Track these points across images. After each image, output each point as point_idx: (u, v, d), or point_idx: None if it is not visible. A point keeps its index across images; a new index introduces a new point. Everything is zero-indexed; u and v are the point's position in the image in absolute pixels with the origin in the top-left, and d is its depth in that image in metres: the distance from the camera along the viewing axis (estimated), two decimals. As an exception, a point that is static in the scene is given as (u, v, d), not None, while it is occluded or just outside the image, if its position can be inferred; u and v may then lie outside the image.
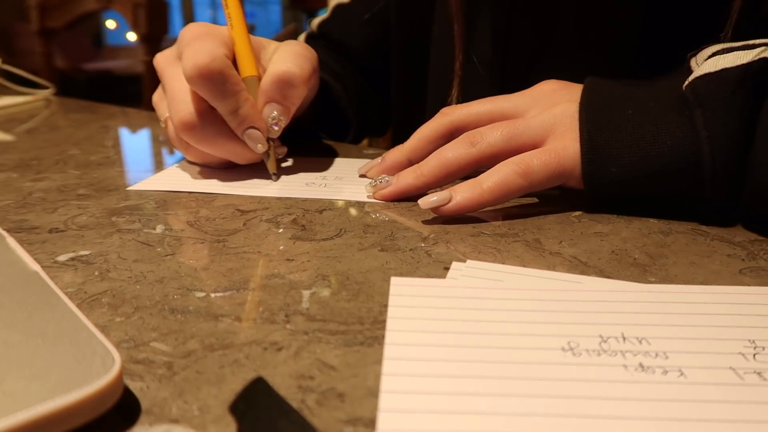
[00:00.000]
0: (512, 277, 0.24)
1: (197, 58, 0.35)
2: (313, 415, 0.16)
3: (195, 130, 0.37)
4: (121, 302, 0.22)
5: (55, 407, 0.15)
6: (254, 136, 0.37)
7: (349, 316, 0.21)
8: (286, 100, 0.38)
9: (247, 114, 0.37)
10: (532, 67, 0.46)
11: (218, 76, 0.35)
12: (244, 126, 0.37)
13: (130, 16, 1.22)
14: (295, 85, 0.38)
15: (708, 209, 0.31)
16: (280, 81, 0.37)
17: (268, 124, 0.38)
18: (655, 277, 0.25)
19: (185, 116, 0.37)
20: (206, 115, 0.37)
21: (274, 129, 0.38)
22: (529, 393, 0.17)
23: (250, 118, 0.37)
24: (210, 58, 0.35)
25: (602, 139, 0.31)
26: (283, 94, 0.38)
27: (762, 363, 0.18)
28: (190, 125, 0.37)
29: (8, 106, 0.74)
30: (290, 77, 0.37)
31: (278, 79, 0.37)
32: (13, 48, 3.51)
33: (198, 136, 0.37)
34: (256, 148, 0.38)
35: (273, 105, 0.38)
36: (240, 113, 0.37)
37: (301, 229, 0.30)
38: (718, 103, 0.28)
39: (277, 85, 0.37)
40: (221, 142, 0.38)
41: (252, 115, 0.37)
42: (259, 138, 0.38)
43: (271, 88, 0.37)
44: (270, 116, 0.38)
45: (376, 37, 0.59)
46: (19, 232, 0.30)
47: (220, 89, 0.36)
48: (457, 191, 0.31)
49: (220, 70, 0.35)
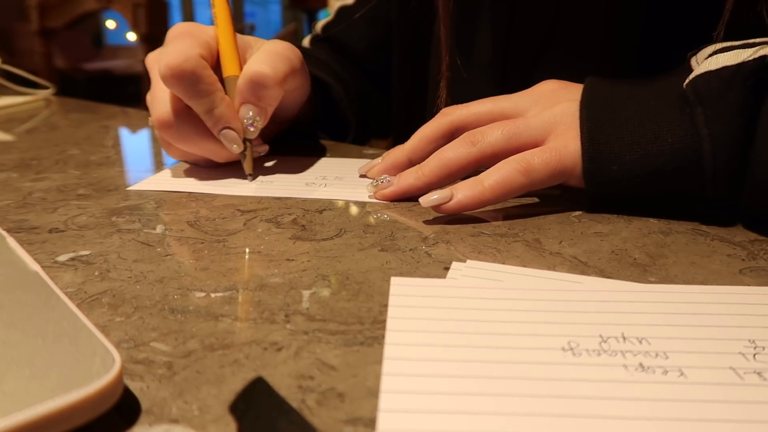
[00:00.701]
0: (512, 277, 0.24)
1: (170, 58, 0.35)
2: (313, 415, 0.16)
3: (171, 128, 0.37)
4: (121, 302, 0.22)
5: (55, 407, 0.15)
6: (229, 137, 0.38)
7: (349, 316, 0.21)
8: (261, 101, 0.38)
9: (222, 114, 0.37)
10: (533, 68, 0.46)
11: (190, 76, 0.35)
12: (219, 126, 0.37)
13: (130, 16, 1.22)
14: (267, 86, 0.37)
15: (708, 208, 0.31)
16: (252, 82, 0.37)
17: (244, 124, 0.38)
18: (655, 277, 0.25)
19: (161, 115, 0.37)
20: (182, 114, 0.37)
21: (250, 130, 0.38)
22: (529, 393, 0.17)
23: (225, 118, 0.37)
24: (182, 59, 0.35)
25: (603, 138, 0.31)
26: (257, 95, 0.38)
27: (762, 363, 0.18)
28: (167, 124, 0.37)
29: (8, 106, 0.74)
30: (262, 78, 0.37)
31: (250, 80, 0.37)
32: (13, 48, 3.51)
33: (175, 135, 0.38)
34: (232, 148, 0.38)
35: (248, 106, 0.38)
36: (215, 113, 0.37)
37: (301, 229, 0.30)
38: (718, 101, 0.28)
39: (250, 86, 0.37)
40: (198, 141, 0.38)
41: (227, 115, 0.37)
42: (235, 138, 0.38)
43: (245, 89, 0.38)
44: (246, 117, 0.38)
45: (378, 39, 0.59)
46: (19, 232, 0.30)
47: (192, 89, 0.36)
48: (458, 189, 0.31)
49: (192, 70, 0.35)
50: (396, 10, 0.57)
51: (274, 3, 6.99)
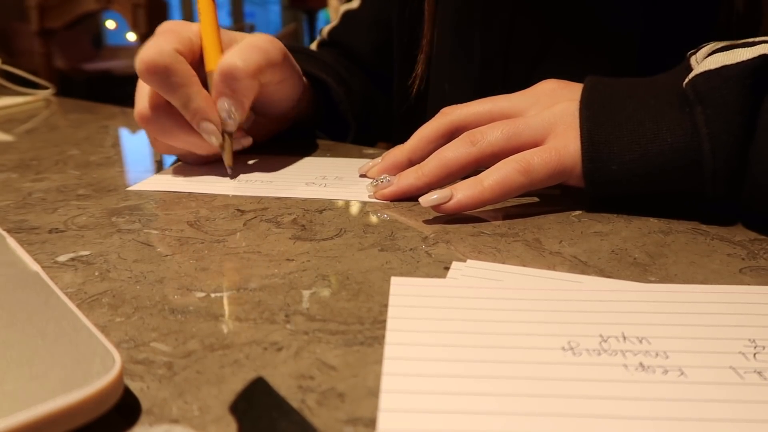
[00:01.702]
0: (512, 276, 0.24)
1: (145, 53, 0.36)
2: (313, 415, 0.16)
3: (151, 122, 0.38)
4: (121, 302, 0.22)
5: (56, 407, 0.15)
6: (208, 129, 0.38)
7: (349, 316, 0.21)
8: (236, 93, 0.38)
9: (198, 107, 0.38)
10: (534, 69, 0.46)
11: (164, 70, 0.36)
12: (197, 119, 0.38)
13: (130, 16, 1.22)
14: (238, 78, 0.38)
15: (708, 208, 0.31)
16: (224, 75, 0.38)
17: (222, 117, 0.38)
18: (655, 276, 0.25)
19: (140, 109, 0.38)
20: (161, 108, 0.38)
21: (228, 122, 0.39)
22: (529, 392, 0.17)
23: (202, 112, 0.38)
24: (157, 54, 0.36)
25: (602, 137, 0.31)
26: (231, 87, 0.38)
27: (762, 362, 0.18)
28: (146, 118, 0.38)
29: (8, 107, 0.74)
30: (232, 70, 0.37)
31: (222, 73, 0.38)
32: (13, 48, 3.51)
33: (155, 128, 0.39)
34: (211, 140, 0.38)
35: (224, 99, 0.38)
36: (191, 106, 0.37)
37: (301, 229, 0.30)
38: (718, 101, 0.28)
39: (222, 79, 0.38)
40: (178, 134, 0.39)
41: (204, 108, 0.38)
42: (213, 131, 0.38)
43: (219, 83, 0.38)
44: (222, 110, 0.38)
45: (381, 42, 0.60)
46: (19, 232, 0.30)
47: (167, 82, 0.37)
48: (458, 189, 0.31)
49: (165, 65, 0.36)
50: (396, 13, 0.57)
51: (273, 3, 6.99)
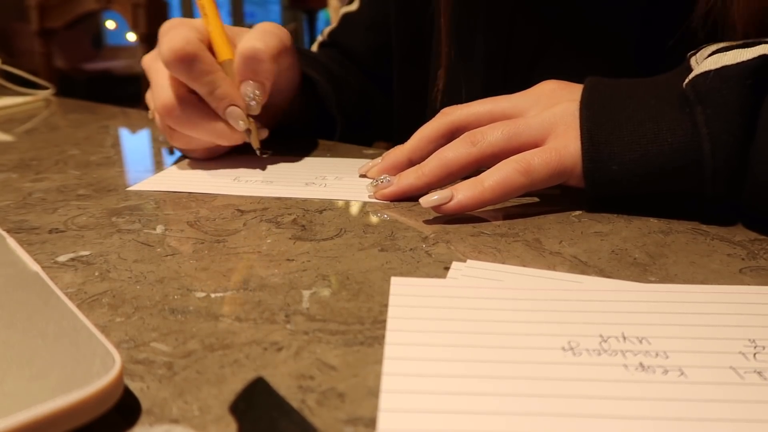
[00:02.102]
0: (512, 276, 0.24)
1: (172, 43, 0.37)
2: (313, 414, 0.16)
3: (175, 112, 0.39)
4: (121, 302, 0.22)
5: (56, 407, 0.15)
6: (235, 114, 0.39)
7: (349, 316, 0.21)
8: (258, 75, 0.40)
9: (225, 93, 0.39)
10: (533, 69, 0.46)
11: (192, 58, 0.37)
12: (224, 104, 0.39)
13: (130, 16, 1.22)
14: (261, 59, 0.39)
15: (708, 208, 0.31)
16: (247, 58, 0.39)
17: (246, 101, 0.40)
18: (655, 276, 0.25)
19: (165, 100, 0.39)
20: (186, 98, 0.39)
21: (252, 105, 0.40)
22: (529, 392, 0.17)
23: (229, 97, 0.39)
24: (184, 42, 0.37)
25: (603, 138, 0.31)
26: (253, 69, 0.39)
27: (762, 362, 0.18)
28: (170, 108, 0.39)
29: (8, 107, 0.74)
30: (255, 52, 0.39)
31: (245, 56, 0.39)
32: (13, 48, 3.51)
33: (179, 119, 0.39)
34: (238, 125, 0.39)
35: (248, 82, 0.40)
36: (218, 93, 0.39)
37: (301, 229, 0.30)
38: (718, 101, 0.28)
39: (246, 62, 0.39)
40: (203, 124, 0.40)
41: (231, 94, 0.39)
42: (240, 115, 0.39)
43: (242, 66, 0.39)
44: (247, 93, 0.39)
45: (380, 43, 0.60)
46: (19, 232, 0.30)
47: (195, 70, 0.38)
48: (459, 190, 0.31)
49: (194, 52, 0.37)
50: (395, 15, 0.57)
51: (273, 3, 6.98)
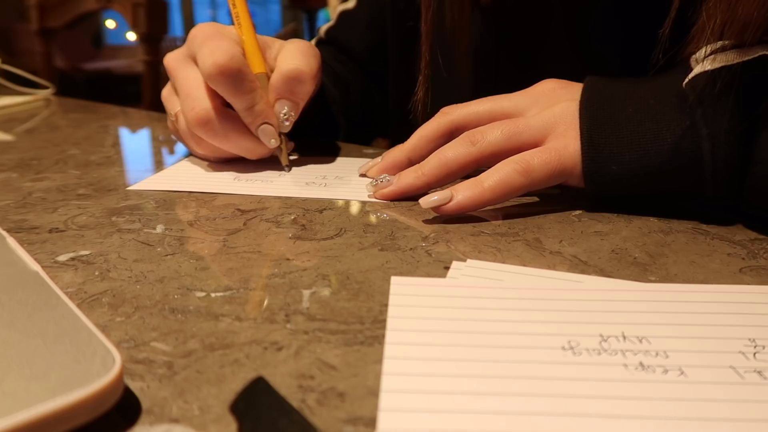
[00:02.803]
0: (512, 276, 0.24)
1: (216, 56, 0.37)
2: (313, 414, 0.16)
3: (209, 125, 0.39)
4: (121, 302, 0.22)
5: (56, 407, 0.15)
6: (268, 132, 0.39)
7: (349, 316, 0.21)
8: (295, 96, 0.40)
9: (262, 110, 0.39)
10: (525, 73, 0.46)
11: (237, 74, 0.37)
12: (258, 122, 0.39)
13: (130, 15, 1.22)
14: (303, 81, 0.39)
15: (708, 207, 0.31)
16: (290, 78, 0.39)
17: (279, 119, 0.40)
18: (656, 276, 0.25)
19: (200, 112, 0.38)
20: (220, 111, 0.39)
21: (285, 124, 0.40)
22: (529, 392, 0.17)
23: (264, 114, 0.39)
24: (229, 57, 0.37)
25: (602, 137, 0.31)
26: (293, 90, 0.40)
27: (762, 362, 0.18)
28: (205, 121, 0.38)
29: (8, 106, 0.74)
30: (299, 74, 0.39)
31: (288, 76, 0.39)
32: (13, 48, 3.51)
33: (212, 132, 0.39)
34: (270, 143, 0.40)
35: (283, 101, 0.40)
36: (255, 110, 0.39)
37: (302, 228, 0.30)
38: (718, 101, 0.28)
39: (287, 82, 0.39)
40: (234, 138, 0.40)
41: (266, 112, 0.39)
42: (273, 133, 0.40)
43: (282, 85, 0.39)
44: (281, 112, 0.40)
45: (377, 41, 0.60)
46: (19, 232, 0.30)
47: (238, 86, 0.38)
48: (458, 190, 0.31)
49: (238, 68, 0.37)
50: (390, 15, 0.57)
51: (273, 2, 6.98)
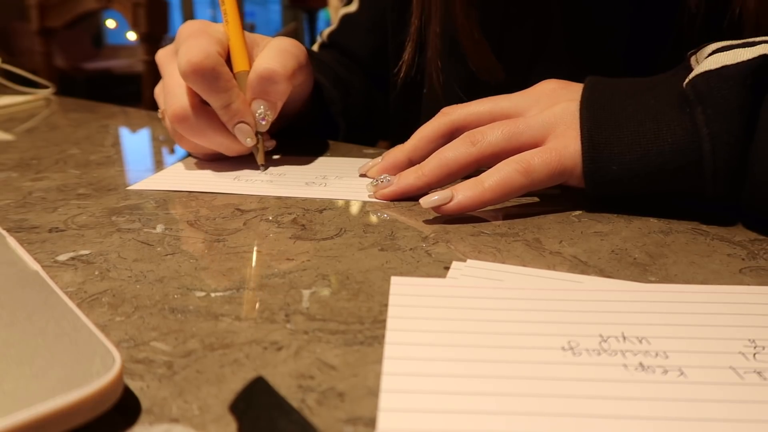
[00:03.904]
0: (512, 276, 0.24)
1: (191, 54, 0.37)
2: (313, 414, 0.16)
3: (187, 122, 0.39)
4: (121, 302, 0.22)
5: (55, 407, 0.15)
6: (244, 130, 0.39)
7: (349, 316, 0.21)
8: (271, 95, 0.40)
9: (238, 109, 0.39)
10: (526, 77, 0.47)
11: (211, 73, 0.37)
12: (234, 120, 0.39)
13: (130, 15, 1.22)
14: (276, 81, 0.39)
15: (708, 208, 0.31)
16: (263, 78, 0.39)
17: (256, 118, 0.40)
18: (655, 276, 0.25)
19: (178, 109, 0.39)
20: (198, 108, 0.39)
21: (261, 123, 0.40)
22: (529, 392, 0.17)
23: (240, 113, 0.39)
24: (203, 55, 0.37)
25: (603, 138, 0.31)
26: (267, 90, 0.39)
27: (762, 362, 0.18)
28: (182, 117, 0.39)
29: (8, 106, 0.74)
30: (271, 74, 0.39)
31: (260, 76, 0.39)
32: (13, 48, 3.51)
33: (189, 128, 0.39)
34: (246, 141, 0.40)
35: (259, 101, 0.40)
36: (231, 108, 0.39)
37: (301, 228, 0.30)
38: (718, 101, 0.28)
39: (260, 82, 0.39)
40: (211, 135, 0.40)
41: (242, 110, 0.39)
42: (249, 132, 0.39)
43: (256, 84, 0.39)
44: (257, 111, 0.40)
45: (379, 45, 0.60)
46: (19, 231, 0.30)
47: (212, 85, 0.38)
48: (459, 190, 0.31)
49: (212, 67, 0.37)
50: (391, 17, 0.57)
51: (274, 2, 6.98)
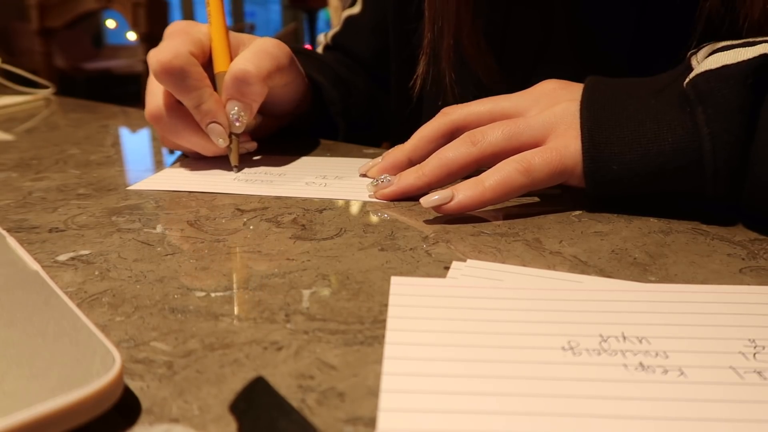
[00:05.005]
0: (512, 276, 0.24)
1: (161, 55, 0.37)
2: (313, 414, 0.16)
3: (162, 121, 0.40)
4: (121, 302, 0.22)
5: (55, 407, 0.15)
6: (216, 131, 0.39)
7: (349, 316, 0.21)
8: (246, 97, 0.40)
9: (209, 109, 0.39)
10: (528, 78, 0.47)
11: (179, 72, 0.37)
12: (207, 120, 0.39)
13: (130, 15, 1.22)
14: (250, 82, 0.39)
15: (709, 207, 0.31)
16: (236, 79, 0.39)
17: (230, 119, 0.40)
18: (655, 276, 0.25)
19: (153, 108, 0.39)
20: (173, 108, 0.39)
21: (236, 125, 0.40)
22: (529, 392, 0.17)
23: (212, 113, 0.39)
24: (172, 55, 0.37)
25: (603, 137, 0.31)
26: (241, 91, 0.39)
27: (762, 362, 0.18)
28: (157, 117, 0.39)
29: (8, 106, 0.74)
30: (245, 76, 0.39)
31: (234, 77, 0.39)
32: (13, 48, 3.51)
33: (165, 128, 0.40)
34: (218, 142, 0.40)
35: (234, 102, 0.40)
36: (202, 108, 0.39)
37: (302, 228, 0.30)
38: (719, 101, 0.28)
39: (234, 83, 0.39)
40: (186, 135, 0.40)
41: (214, 110, 0.39)
42: (221, 133, 0.39)
43: (230, 85, 0.39)
44: (231, 112, 0.40)
45: (383, 46, 0.60)
46: (19, 231, 0.30)
47: (181, 84, 0.38)
48: (459, 190, 0.31)
49: (181, 67, 0.37)
50: (394, 16, 0.57)
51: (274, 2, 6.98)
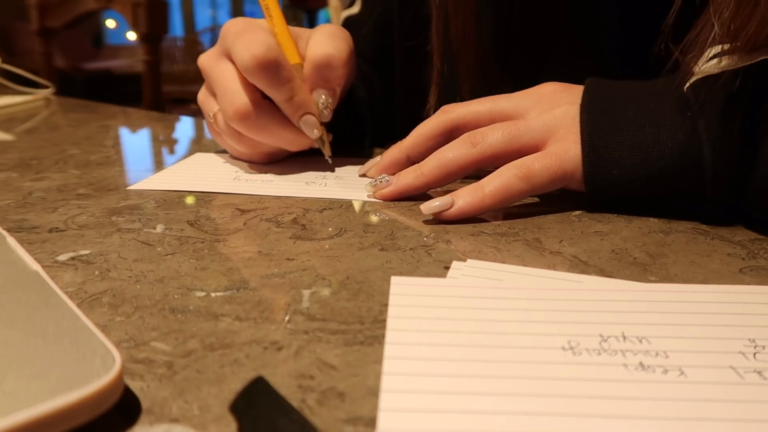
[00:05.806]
0: (512, 276, 0.24)
1: (253, 48, 0.36)
2: (313, 414, 0.16)
3: (250, 119, 0.38)
4: (121, 302, 0.22)
5: (56, 407, 0.15)
6: (310, 122, 0.39)
7: (349, 316, 0.21)
8: (330, 82, 0.39)
9: (302, 101, 0.38)
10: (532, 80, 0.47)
11: (275, 65, 0.36)
12: (300, 112, 0.38)
13: (130, 15, 1.21)
14: (334, 66, 0.39)
15: (708, 209, 0.31)
16: (320, 66, 0.38)
17: (318, 109, 0.39)
18: (656, 276, 0.25)
19: (240, 106, 0.37)
20: (260, 104, 0.38)
21: (324, 113, 0.39)
22: (529, 392, 0.17)
23: (305, 104, 0.38)
24: (265, 48, 0.36)
25: (603, 141, 0.31)
26: (326, 77, 0.39)
27: (762, 362, 0.18)
28: (245, 114, 0.38)
29: (8, 106, 0.74)
30: (329, 60, 0.38)
31: (318, 64, 0.38)
32: (13, 48, 3.51)
33: (253, 125, 0.38)
34: (312, 133, 0.39)
35: (320, 90, 0.39)
36: (295, 100, 0.38)
37: (302, 228, 0.30)
38: (718, 105, 0.28)
39: (319, 70, 0.39)
40: (275, 130, 0.39)
41: (307, 102, 0.38)
42: (315, 123, 0.39)
43: (314, 74, 0.39)
44: (319, 101, 0.39)
45: (383, 45, 0.60)
46: (19, 231, 0.30)
47: (276, 78, 0.37)
48: (459, 196, 0.31)
49: (276, 59, 0.36)
50: (397, 17, 0.57)
51: (274, 2, 6.98)
